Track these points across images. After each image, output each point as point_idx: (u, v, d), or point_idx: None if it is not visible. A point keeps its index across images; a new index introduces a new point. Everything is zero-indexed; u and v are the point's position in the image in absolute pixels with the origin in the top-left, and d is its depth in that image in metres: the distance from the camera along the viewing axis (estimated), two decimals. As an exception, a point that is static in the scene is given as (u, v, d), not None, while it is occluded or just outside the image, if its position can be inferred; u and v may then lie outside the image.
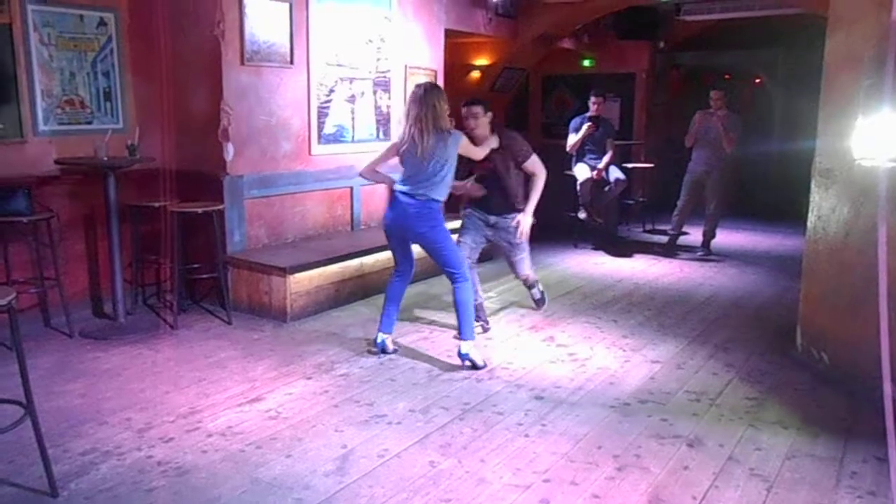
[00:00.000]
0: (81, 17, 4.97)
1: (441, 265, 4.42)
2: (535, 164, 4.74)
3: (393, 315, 4.57)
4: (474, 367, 4.31)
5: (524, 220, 4.76)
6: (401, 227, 4.35)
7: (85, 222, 5.16)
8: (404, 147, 4.23)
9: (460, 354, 4.35)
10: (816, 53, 4.54)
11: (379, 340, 4.55)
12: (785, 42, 10.77)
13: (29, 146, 4.78)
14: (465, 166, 4.63)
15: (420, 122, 4.13)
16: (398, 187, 4.31)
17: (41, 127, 4.83)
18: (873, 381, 3.71)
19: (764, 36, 10.63)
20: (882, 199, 3.73)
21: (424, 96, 4.16)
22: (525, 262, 5.07)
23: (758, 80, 12.34)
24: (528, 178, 4.78)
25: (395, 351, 4.58)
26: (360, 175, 4.63)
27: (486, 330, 4.98)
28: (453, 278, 4.37)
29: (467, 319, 4.35)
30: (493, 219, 4.86)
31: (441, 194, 4.27)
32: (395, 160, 4.37)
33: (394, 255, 4.57)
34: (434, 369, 4.30)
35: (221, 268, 5.27)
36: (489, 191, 4.75)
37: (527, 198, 4.77)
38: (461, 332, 4.37)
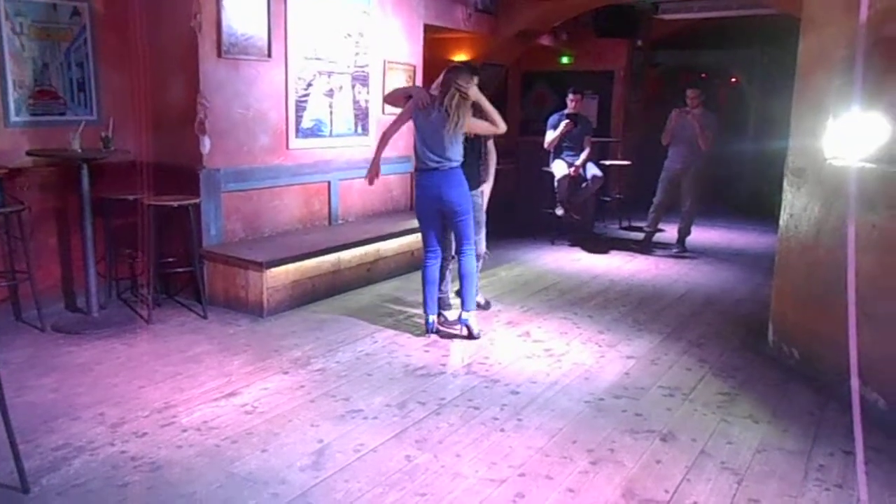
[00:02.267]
0: (54, 6, 4.89)
1: (457, 234, 4.75)
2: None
3: (435, 296, 4.86)
4: (470, 335, 4.73)
5: (488, 189, 5.14)
6: (437, 199, 4.63)
7: (58, 215, 5.08)
8: (430, 122, 4.53)
9: (460, 320, 4.78)
10: (791, 54, 4.62)
11: (430, 321, 4.84)
12: (760, 42, 10.91)
13: (0, 137, 4.70)
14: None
15: (457, 105, 4.47)
16: (425, 163, 4.62)
17: (13, 118, 4.75)
18: (841, 376, 3.80)
19: (740, 36, 10.76)
20: (851, 198, 3.80)
21: (462, 79, 4.51)
22: (483, 241, 5.22)
23: (734, 80, 12.48)
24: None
25: (445, 322, 4.97)
26: (383, 137, 4.91)
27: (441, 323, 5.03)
28: (462, 250, 4.73)
29: (470, 290, 4.75)
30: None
31: (460, 158, 4.64)
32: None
33: (427, 237, 4.84)
34: (411, 364, 4.31)
35: (197, 262, 5.22)
36: (471, 166, 4.88)
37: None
38: (463, 303, 4.75)
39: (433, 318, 4.86)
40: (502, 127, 4.72)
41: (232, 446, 3.23)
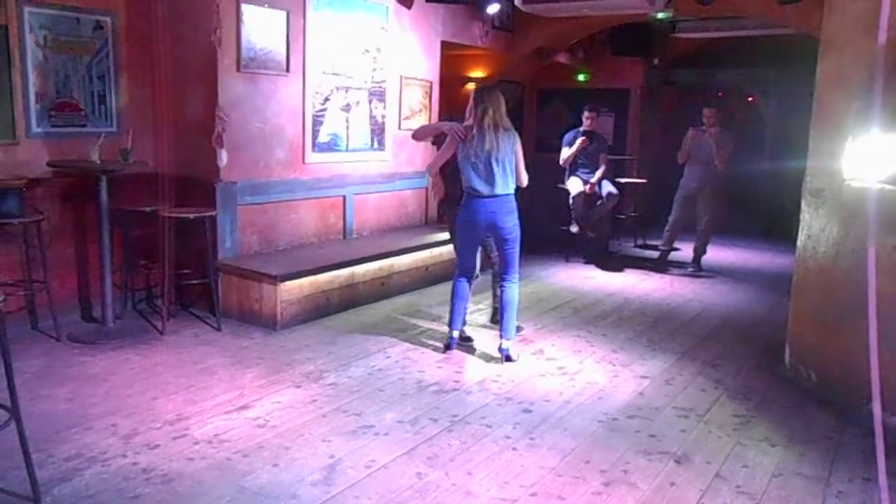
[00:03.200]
0: (78, 20, 4.96)
1: (504, 261, 4.68)
2: None
3: (463, 312, 4.85)
4: (508, 359, 4.63)
5: None
6: (488, 225, 4.56)
7: (76, 226, 5.13)
8: (472, 148, 4.43)
9: (500, 349, 4.68)
10: (808, 74, 4.59)
11: (454, 336, 4.81)
12: (778, 62, 10.87)
13: (21, 148, 4.76)
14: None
15: (492, 122, 4.42)
16: (476, 190, 4.49)
17: (34, 129, 4.81)
18: (860, 399, 3.74)
19: (757, 55, 10.72)
20: (871, 219, 3.76)
21: (489, 98, 4.45)
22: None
23: (750, 99, 12.43)
24: None
25: (467, 339, 4.96)
26: (430, 171, 4.96)
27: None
28: (509, 277, 4.67)
29: (511, 318, 4.67)
30: None
31: (513, 187, 4.59)
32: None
33: (465, 256, 4.76)
34: (423, 380, 4.29)
35: (212, 274, 5.25)
36: None
37: None
38: (503, 331, 4.67)
39: (457, 333, 4.83)
40: (524, 181, 4.68)
41: (243, 460, 3.22)
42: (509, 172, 4.50)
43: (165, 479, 3.03)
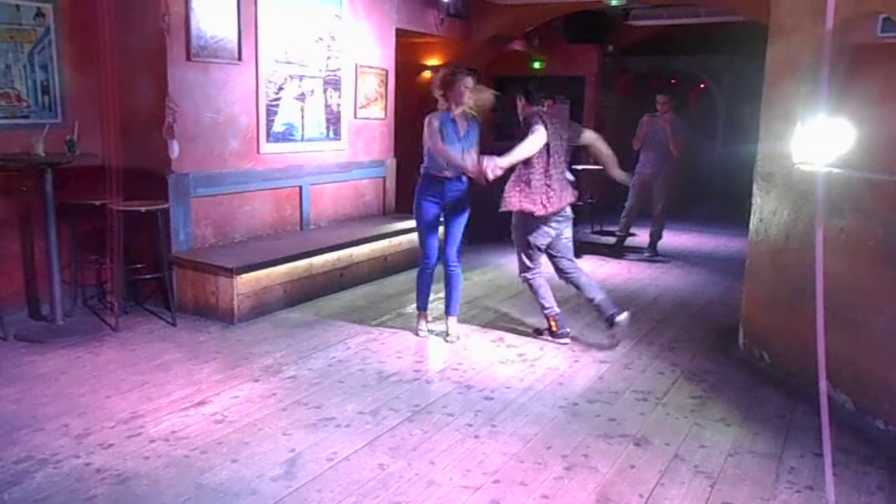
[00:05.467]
0: (17, 7, 4.77)
1: (454, 245, 4.81)
2: None
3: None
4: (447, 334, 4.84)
5: None
6: (446, 207, 4.71)
7: (21, 221, 4.96)
8: (447, 131, 4.58)
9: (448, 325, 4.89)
10: (759, 60, 4.67)
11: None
12: (729, 49, 11.07)
13: (-40, 141, 4.58)
14: None
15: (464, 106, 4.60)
16: (441, 173, 4.63)
17: (-26, 121, 4.63)
18: (811, 378, 3.84)
19: (710, 42, 10.90)
20: (819, 202, 3.85)
21: (465, 82, 4.63)
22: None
23: (703, 85, 12.65)
24: None
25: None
26: (450, 161, 4.73)
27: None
28: (457, 261, 4.84)
29: (459, 298, 4.94)
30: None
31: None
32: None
33: (430, 242, 4.81)
34: (384, 371, 4.27)
35: (166, 268, 5.13)
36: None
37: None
38: (453, 309, 4.92)
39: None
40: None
41: (201, 457, 3.16)
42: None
43: (120, 478, 2.96)
